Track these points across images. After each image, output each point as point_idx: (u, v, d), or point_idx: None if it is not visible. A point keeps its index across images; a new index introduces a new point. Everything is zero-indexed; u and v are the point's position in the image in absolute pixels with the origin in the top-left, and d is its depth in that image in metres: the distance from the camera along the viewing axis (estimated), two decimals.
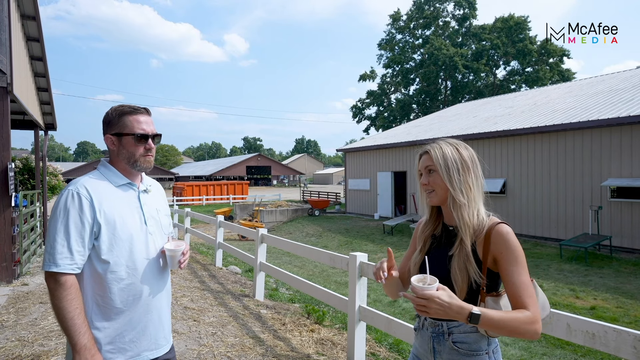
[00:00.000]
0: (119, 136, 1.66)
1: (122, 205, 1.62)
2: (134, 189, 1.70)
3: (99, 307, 1.56)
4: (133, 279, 1.60)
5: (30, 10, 7.35)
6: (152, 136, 1.70)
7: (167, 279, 1.78)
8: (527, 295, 1.35)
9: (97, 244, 1.54)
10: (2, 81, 6.11)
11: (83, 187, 1.56)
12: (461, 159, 1.49)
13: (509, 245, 1.39)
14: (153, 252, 1.68)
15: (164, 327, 1.74)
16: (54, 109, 11.32)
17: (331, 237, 17.02)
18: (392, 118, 45.55)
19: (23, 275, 6.81)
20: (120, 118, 1.66)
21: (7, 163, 6.31)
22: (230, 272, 7.83)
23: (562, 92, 18.38)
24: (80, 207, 1.52)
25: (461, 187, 1.47)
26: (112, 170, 1.68)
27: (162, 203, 1.85)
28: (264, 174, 72.35)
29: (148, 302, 1.65)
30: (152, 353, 1.67)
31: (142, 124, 1.67)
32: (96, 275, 1.55)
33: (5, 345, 3.91)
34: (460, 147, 1.53)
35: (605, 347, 2.11)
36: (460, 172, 1.48)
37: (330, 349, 4.09)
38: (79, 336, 1.46)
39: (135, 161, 1.67)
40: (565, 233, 12.55)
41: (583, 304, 7.77)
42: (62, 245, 1.49)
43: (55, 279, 1.47)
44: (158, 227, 1.74)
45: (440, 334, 1.48)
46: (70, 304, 1.47)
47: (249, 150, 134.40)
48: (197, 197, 34.43)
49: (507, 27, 41.03)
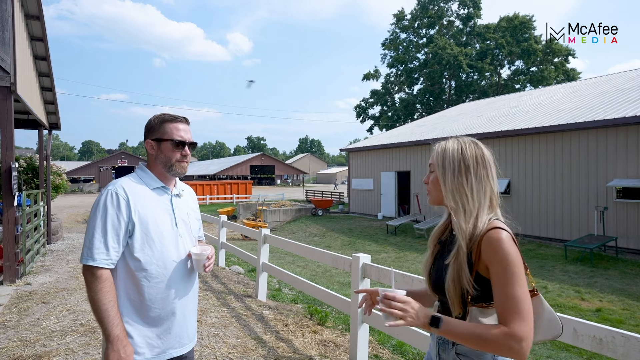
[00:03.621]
0: (159, 141, 1.77)
1: (156, 207, 1.72)
2: (167, 193, 1.80)
3: (130, 301, 1.64)
4: (162, 277, 1.68)
5: (34, 10, 7.36)
6: (189, 144, 1.81)
7: (195, 281, 1.86)
8: (515, 311, 1.20)
9: (130, 242, 1.64)
10: (6, 81, 6.11)
11: (121, 187, 1.66)
12: (461, 159, 1.37)
13: (499, 253, 1.24)
14: (182, 254, 1.77)
15: (188, 327, 1.81)
16: (57, 109, 11.35)
17: (334, 237, 16.98)
18: (396, 118, 45.43)
19: (26, 274, 6.82)
20: (162, 125, 1.78)
21: (11, 162, 6.31)
22: (233, 272, 7.82)
23: (567, 92, 18.25)
24: (118, 206, 1.62)
25: (452, 190, 1.36)
26: (149, 173, 1.79)
27: (194, 207, 1.95)
28: (268, 174, 72.37)
29: (175, 301, 1.72)
30: (177, 351, 1.75)
31: (181, 131, 1.79)
32: (129, 272, 1.64)
33: (7, 345, 3.90)
34: (467, 146, 1.42)
35: (612, 352, 2.07)
36: (456, 173, 1.37)
37: (332, 350, 4.06)
38: (112, 327, 1.54)
39: (172, 166, 1.77)
40: (570, 234, 12.46)
41: (588, 305, 7.69)
42: (99, 241, 1.58)
43: (92, 272, 1.57)
44: (188, 229, 1.83)
45: (446, 342, 1.42)
46: (105, 296, 1.55)
47: (253, 150, 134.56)
48: (201, 196, 34.47)
49: (512, 27, 40.82)
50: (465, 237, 1.31)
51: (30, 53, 8.20)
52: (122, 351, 1.54)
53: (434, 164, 1.43)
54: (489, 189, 1.38)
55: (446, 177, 1.38)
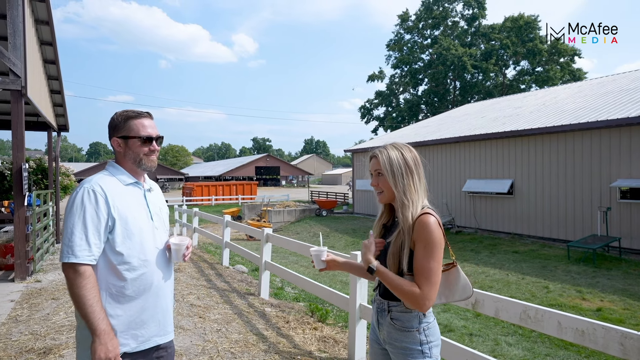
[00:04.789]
0: (126, 139, 1.79)
1: (132, 202, 1.76)
2: (140, 188, 1.84)
3: (112, 296, 1.67)
4: (144, 269, 1.73)
5: (43, 15, 7.55)
6: (156, 138, 1.85)
7: (172, 271, 1.93)
8: (424, 278, 1.57)
9: (111, 237, 1.67)
10: (17, 84, 6.29)
11: (98, 184, 1.69)
12: (405, 164, 1.69)
13: (424, 232, 1.59)
14: (160, 246, 1.83)
15: (170, 315, 1.88)
16: (66, 111, 11.56)
17: (338, 237, 17.09)
18: (401, 118, 45.46)
19: (36, 272, 7.00)
20: (126, 122, 1.80)
21: (22, 163, 6.49)
22: (237, 271, 7.95)
23: (571, 92, 18.23)
24: (96, 203, 1.65)
25: (404, 190, 1.67)
26: (121, 170, 1.81)
27: (162, 202, 2.00)
28: (273, 175, 72.59)
29: (157, 291, 1.79)
30: (161, 339, 1.81)
31: (147, 127, 1.82)
32: (110, 267, 1.68)
33: (19, 338, 4.06)
34: (405, 151, 1.72)
35: (594, 344, 2.16)
36: (404, 175, 1.68)
37: (332, 346, 4.17)
38: (98, 322, 1.57)
39: (140, 161, 1.81)
40: (573, 234, 12.47)
41: (589, 305, 7.74)
42: (80, 238, 1.60)
43: (75, 269, 1.58)
44: (161, 223, 1.89)
45: (383, 310, 1.76)
46: (89, 292, 1.58)
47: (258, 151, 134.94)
48: (207, 197, 34.72)
49: (517, 27, 40.71)
50: (407, 224, 1.64)
51: (40, 57, 8.40)
52: (109, 344, 1.58)
53: (381, 170, 1.70)
54: (423, 184, 1.73)
55: (397, 181, 1.68)
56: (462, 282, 1.76)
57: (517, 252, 12.13)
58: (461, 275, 1.77)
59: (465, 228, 16.21)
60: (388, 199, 1.73)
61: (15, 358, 3.62)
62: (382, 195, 1.73)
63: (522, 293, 8.43)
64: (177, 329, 4.39)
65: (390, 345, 1.73)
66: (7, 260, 7.14)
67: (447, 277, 1.75)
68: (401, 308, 1.69)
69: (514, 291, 8.58)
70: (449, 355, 2.93)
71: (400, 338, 1.68)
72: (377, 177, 1.73)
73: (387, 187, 1.70)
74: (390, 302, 1.73)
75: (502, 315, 2.61)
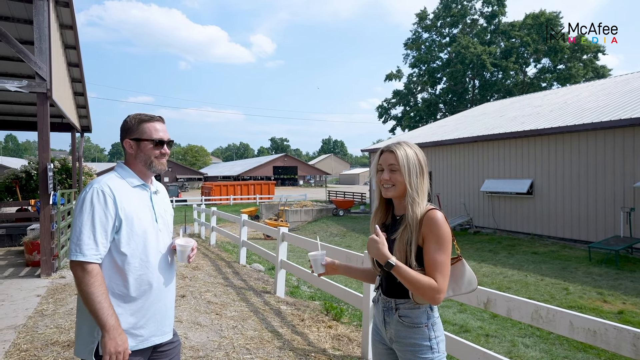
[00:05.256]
0: (138, 141, 1.84)
1: (138, 204, 1.81)
2: (147, 190, 1.88)
3: (114, 295, 1.71)
4: (145, 270, 1.77)
5: (68, 20, 7.81)
6: (167, 142, 1.90)
7: (174, 273, 1.97)
8: (438, 271, 1.61)
9: (117, 238, 1.71)
10: (43, 87, 6.53)
11: (106, 185, 1.73)
12: (420, 164, 1.75)
13: (434, 227, 1.64)
14: (163, 248, 1.87)
15: (169, 315, 1.91)
16: (89, 112, 11.91)
17: (355, 237, 17.09)
18: (419, 118, 45.07)
19: (61, 268, 7.25)
20: (140, 125, 1.85)
21: (47, 163, 6.73)
22: (254, 270, 8.06)
23: (594, 90, 17.77)
24: (105, 204, 1.69)
25: (417, 188, 1.72)
26: (129, 172, 1.86)
27: (168, 204, 2.04)
28: (291, 174, 72.95)
29: (158, 292, 1.82)
30: (159, 338, 1.85)
31: (159, 131, 1.87)
32: (114, 266, 1.72)
33: (45, 331, 4.24)
34: (419, 152, 1.78)
35: (606, 344, 2.15)
36: (418, 175, 1.74)
37: (346, 344, 4.21)
38: (107, 317, 1.62)
39: (151, 163, 1.86)
40: (595, 235, 12.17)
41: (610, 307, 7.56)
42: (88, 237, 1.65)
43: (83, 267, 1.63)
44: (165, 225, 1.93)
45: (390, 309, 1.77)
46: (97, 289, 1.63)
47: (276, 151, 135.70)
48: (225, 196, 35.13)
49: (538, 24, 39.85)
50: (416, 220, 1.68)
51: (64, 60, 8.68)
52: (118, 339, 1.63)
53: (397, 166, 1.73)
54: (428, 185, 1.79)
55: (412, 179, 1.73)
56: (467, 275, 1.81)
57: (537, 253, 11.91)
58: (467, 268, 1.81)
59: (483, 228, 16.01)
60: (396, 194, 1.76)
61: (41, 350, 3.79)
62: (392, 189, 1.75)
63: (540, 294, 8.30)
64: (195, 325, 4.50)
65: (398, 344, 1.74)
66: (34, 257, 7.42)
67: (454, 271, 1.79)
68: (409, 304, 1.71)
69: (532, 292, 8.45)
70: (461, 354, 2.94)
71: (409, 335, 1.70)
72: (389, 171, 1.75)
73: (399, 183, 1.73)
74: (397, 300, 1.75)
75: (514, 315, 2.61)
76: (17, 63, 8.69)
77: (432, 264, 1.61)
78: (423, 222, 1.65)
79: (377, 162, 1.82)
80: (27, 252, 7.51)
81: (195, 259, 8.76)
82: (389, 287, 1.78)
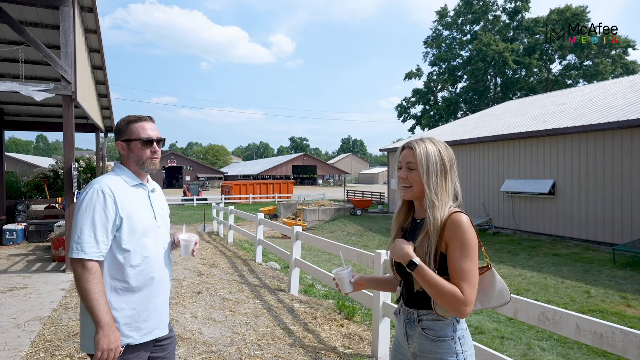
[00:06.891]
0: (128, 142, 1.89)
1: (137, 202, 1.87)
2: (144, 189, 1.95)
3: (116, 290, 1.78)
4: (147, 265, 1.85)
5: (92, 25, 8.08)
6: (157, 140, 1.93)
7: (171, 269, 2.05)
8: (464, 281, 1.45)
9: (118, 235, 1.78)
10: (68, 90, 6.79)
11: (106, 185, 1.79)
12: (442, 163, 1.56)
13: (458, 232, 1.47)
14: (162, 244, 1.94)
15: (167, 310, 1.99)
16: (112, 113, 12.27)
17: (372, 236, 17.06)
18: (438, 117, 44.50)
19: None
20: (128, 126, 1.89)
21: (72, 163, 6.99)
22: (269, 268, 8.17)
23: (622, 87, 17.21)
24: (104, 203, 1.75)
25: (436, 190, 1.54)
26: (126, 172, 1.91)
27: (164, 202, 2.10)
28: (310, 174, 73.19)
29: (158, 286, 1.90)
30: (160, 331, 1.92)
31: (148, 130, 1.90)
32: (116, 263, 1.78)
33: (68, 324, 4.43)
34: (443, 149, 1.59)
35: (612, 347, 2.13)
36: (438, 175, 1.55)
37: (357, 343, 4.25)
38: (102, 314, 1.68)
39: (143, 163, 1.91)
40: (621, 237, 11.81)
41: (634, 312, 7.35)
42: (88, 236, 1.71)
43: (83, 265, 1.69)
44: (164, 222, 2.00)
45: (412, 321, 1.61)
46: (95, 286, 1.69)
47: (296, 150, 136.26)
48: (244, 195, 35.54)
49: (563, 19, 38.75)
50: (436, 226, 1.52)
51: (88, 63, 8.99)
52: (111, 336, 1.69)
53: (415, 164, 1.57)
54: (455, 187, 1.61)
55: (430, 179, 1.55)
56: (498, 286, 1.62)
57: (558, 255, 11.65)
58: (497, 278, 1.62)
59: (503, 229, 15.73)
60: (414, 195, 1.61)
61: (63, 341, 3.97)
62: (409, 190, 1.59)
63: (560, 297, 8.13)
64: (209, 320, 4.62)
65: (423, 359, 1.57)
66: (60, 253, 7.72)
67: (482, 282, 1.60)
68: (433, 316, 1.55)
69: (551, 295, 8.28)
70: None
71: (434, 349, 1.54)
72: (407, 170, 1.59)
73: (417, 183, 1.57)
74: (419, 311, 1.59)
75: (521, 316, 2.60)
76: (45, 67, 9.05)
77: (457, 272, 1.46)
78: (446, 226, 1.49)
79: (397, 159, 1.66)
80: (54, 248, 7.82)
81: (213, 257, 8.93)
82: (410, 297, 1.62)
